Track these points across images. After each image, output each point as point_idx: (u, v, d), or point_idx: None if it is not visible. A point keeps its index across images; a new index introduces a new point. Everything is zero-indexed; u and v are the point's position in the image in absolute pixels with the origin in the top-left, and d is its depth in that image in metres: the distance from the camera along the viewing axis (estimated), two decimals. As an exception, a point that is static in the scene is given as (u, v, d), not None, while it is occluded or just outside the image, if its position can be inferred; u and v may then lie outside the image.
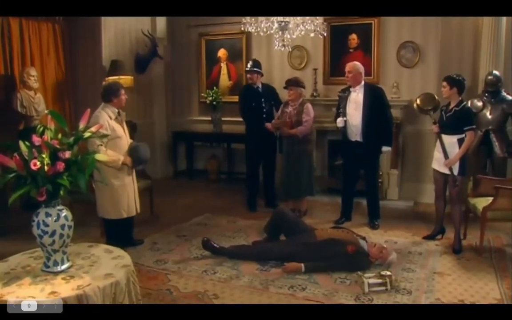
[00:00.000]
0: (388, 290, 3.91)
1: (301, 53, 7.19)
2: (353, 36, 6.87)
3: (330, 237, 4.48)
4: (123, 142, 4.71)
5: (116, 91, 4.65)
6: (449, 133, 4.76)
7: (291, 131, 5.76)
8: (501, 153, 5.86)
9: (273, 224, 4.86)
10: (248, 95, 6.28)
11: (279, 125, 5.89)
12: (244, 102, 6.36)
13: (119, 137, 4.66)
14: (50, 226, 2.60)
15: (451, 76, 4.83)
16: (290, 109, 5.85)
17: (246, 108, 6.30)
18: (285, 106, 5.97)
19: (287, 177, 5.89)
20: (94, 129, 2.84)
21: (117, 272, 2.70)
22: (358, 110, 5.40)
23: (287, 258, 4.38)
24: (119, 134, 4.66)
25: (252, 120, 6.26)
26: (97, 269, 2.73)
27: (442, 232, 5.16)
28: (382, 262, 4.41)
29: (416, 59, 6.61)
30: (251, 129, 6.32)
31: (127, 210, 4.78)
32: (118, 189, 4.68)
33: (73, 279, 2.58)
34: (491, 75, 5.93)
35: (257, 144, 6.24)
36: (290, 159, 5.85)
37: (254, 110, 6.19)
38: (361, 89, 5.43)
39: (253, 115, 6.22)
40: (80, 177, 2.60)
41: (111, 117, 4.60)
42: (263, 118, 6.16)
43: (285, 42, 4.78)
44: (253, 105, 6.18)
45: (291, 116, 5.80)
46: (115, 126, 4.61)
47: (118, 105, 4.67)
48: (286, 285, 4.05)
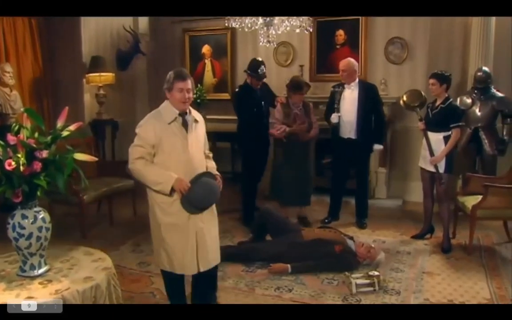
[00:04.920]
0: (376, 291, 3.95)
1: (287, 49, 7.19)
2: (340, 32, 6.89)
3: (317, 237, 4.51)
4: (185, 158, 3.21)
5: (168, 81, 3.26)
6: (435, 131, 4.82)
7: (310, 135, 5.51)
8: (491, 151, 5.91)
9: (259, 225, 4.87)
10: (249, 98, 5.62)
11: (297, 130, 5.44)
12: (244, 106, 5.67)
13: (173, 151, 3.20)
14: (26, 228, 2.58)
15: (439, 73, 4.87)
16: (297, 111, 5.50)
17: (246, 113, 5.66)
18: (285, 107, 5.53)
19: (291, 183, 5.49)
20: (73, 127, 2.80)
21: (98, 275, 2.70)
22: (353, 107, 5.42)
23: (274, 259, 4.39)
24: (174, 146, 3.20)
25: (254, 127, 5.63)
26: (76, 272, 2.72)
27: (431, 231, 5.21)
28: (370, 262, 4.44)
29: (404, 55, 6.64)
30: (251, 137, 5.65)
31: (182, 264, 3.28)
32: (169, 230, 3.26)
33: (50, 284, 2.56)
34: (480, 71, 5.98)
35: (257, 153, 5.74)
36: (293, 164, 5.49)
37: (256, 115, 5.64)
38: (356, 86, 5.46)
39: (254, 121, 5.63)
40: (59, 177, 2.59)
41: (167, 120, 3.22)
42: (264, 124, 5.77)
43: (270, 38, 4.78)
44: (255, 111, 5.61)
45: (301, 118, 5.50)
46: (168, 134, 3.20)
47: (176, 105, 3.25)
48: (272, 287, 4.07)
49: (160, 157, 3.20)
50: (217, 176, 3.42)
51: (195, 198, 3.21)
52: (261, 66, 5.64)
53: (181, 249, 3.24)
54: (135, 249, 4.97)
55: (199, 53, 8.01)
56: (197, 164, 3.29)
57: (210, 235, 3.34)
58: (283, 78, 6.99)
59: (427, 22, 6.48)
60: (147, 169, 3.18)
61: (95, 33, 7.26)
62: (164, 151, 3.19)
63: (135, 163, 3.20)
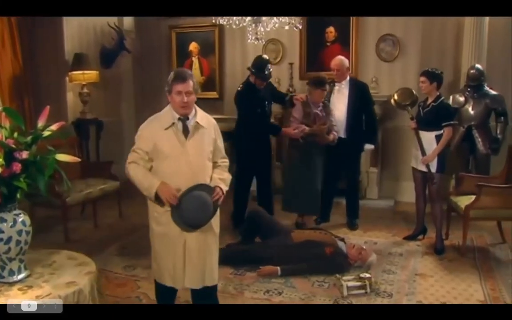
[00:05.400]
0: (368, 293, 3.95)
1: (276, 46, 7.17)
2: (330, 29, 6.89)
3: (307, 239, 4.51)
4: (182, 167, 2.99)
5: (168, 83, 3.03)
6: (427, 129, 4.83)
7: (330, 137, 5.31)
8: (484, 150, 5.95)
9: (248, 226, 4.86)
10: (253, 98, 5.38)
11: (317, 131, 5.24)
12: (246, 105, 5.42)
13: (168, 159, 3.01)
14: (5, 232, 2.52)
15: (429, 70, 4.89)
16: (317, 111, 5.31)
17: (248, 113, 5.41)
18: (305, 106, 5.31)
19: (307, 189, 5.31)
20: (54, 127, 2.76)
21: (81, 280, 2.65)
22: (343, 105, 5.43)
23: (263, 261, 4.38)
24: (169, 154, 3.00)
25: (255, 128, 5.44)
26: (58, 277, 2.67)
27: (423, 232, 5.23)
28: (362, 264, 4.44)
29: (396, 53, 6.66)
30: (251, 138, 5.44)
31: (173, 276, 3.11)
32: (160, 240, 3.14)
33: (31, 289, 2.52)
34: (473, 69, 6.02)
35: (254, 153, 5.50)
36: (310, 168, 5.32)
37: (258, 115, 5.41)
38: (347, 84, 5.48)
39: (256, 121, 5.42)
40: (40, 178, 2.54)
41: (164, 125, 3.03)
42: (267, 125, 5.61)
43: (258, 35, 4.78)
44: (259, 111, 5.38)
45: (321, 118, 5.29)
46: (163, 141, 3.01)
47: (175, 109, 3.03)
48: (261, 290, 4.06)
49: (156, 165, 3.04)
50: (217, 188, 3.07)
51: (184, 213, 2.98)
52: (267, 65, 5.37)
53: (170, 261, 3.09)
54: (120, 253, 4.93)
55: (186, 51, 7.98)
56: (198, 175, 3.02)
57: (201, 252, 3.10)
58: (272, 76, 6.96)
59: (419, 19, 6.49)
60: (135, 172, 3.04)
61: (78, 29, 7.18)
62: (159, 159, 3.02)
63: (127, 167, 3.08)
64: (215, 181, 3.10)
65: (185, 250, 3.05)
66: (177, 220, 3.00)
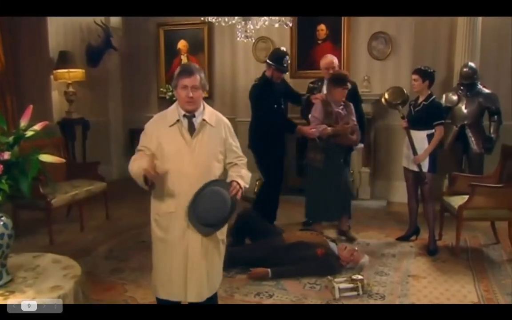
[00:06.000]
0: (360, 295, 3.96)
1: (266, 44, 7.17)
2: (321, 27, 6.91)
3: (299, 240, 4.52)
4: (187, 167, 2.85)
5: (175, 77, 2.94)
6: (418, 128, 4.86)
7: (354, 137, 5.16)
8: (478, 149, 6.01)
9: (238, 228, 4.85)
10: (270, 94, 5.26)
11: (341, 131, 5.05)
12: (263, 101, 5.29)
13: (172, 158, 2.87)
14: (-15, 236, 2.52)
15: (422, 68, 4.92)
16: (338, 110, 5.10)
17: (265, 109, 5.27)
18: (326, 105, 5.11)
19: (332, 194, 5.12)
20: (38, 127, 2.75)
21: (66, 284, 2.64)
22: None
23: (253, 263, 4.38)
24: (174, 153, 2.87)
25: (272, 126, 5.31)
26: (42, 282, 2.65)
27: (416, 233, 5.26)
28: (354, 265, 4.45)
29: (388, 51, 6.69)
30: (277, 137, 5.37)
31: (167, 288, 2.96)
32: (159, 245, 2.97)
33: (13, 295, 2.49)
34: (466, 67, 6.07)
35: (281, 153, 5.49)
36: (334, 171, 5.14)
37: (274, 113, 5.30)
38: None
39: (274, 119, 5.32)
40: (22, 180, 2.53)
41: (168, 123, 2.92)
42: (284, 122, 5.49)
43: (248, 33, 4.78)
44: (275, 107, 5.28)
45: (344, 118, 5.11)
46: (168, 139, 2.89)
47: (181, 104, 2.92)
48: (252, 292, 4.06)
49: (161, 164, 2.87)
50: (233, 182, 2.91)
51: (201, 213, 2.82)
52: (286, 56, 5.32)
53: (166, 270, 2.93)
54: (107, 256, 4.91)
55: (174, 49, 8.00)
56: (204, 176, 2.86)
57: (205, 261, 2.94)
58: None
59: (412, 17, 6.53)
60: (132, 166, 2.88)
61: (63, 26, 7.15)
62: (164, 158, 2.87)
63: (130, 165, 2.93)
64: (231, 177, 2.96)
65: (188, 259, 2.89)
66: (194, 222, 2.85)
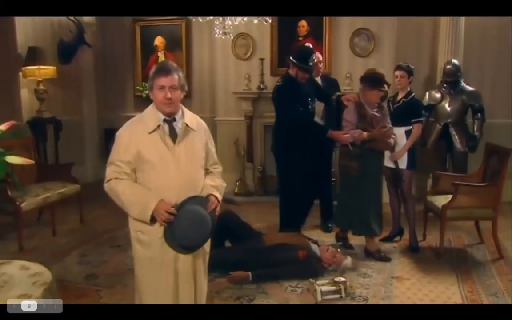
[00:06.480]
0: (343, 298, 3.95)
1: (246, 41, 7.12)
2: (302, 23, 6.89)
3: (280, 242, 4.49)
4: (170, 178, 2.68)
5: (150, 77, 2.75)
6: (396, 125, 4.85)
7: (391, 142, 4.76)
8: (462, 148, 6.05)
9: (218, 230, 4.78)
10: (295, 94, 4.92)
11: (378, 136, 4.66)
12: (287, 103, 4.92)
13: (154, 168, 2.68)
14: (-51, 241, 2.44)
15: (406, 65, 4.96)
16: (374, 113, 4.70)
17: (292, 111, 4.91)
18: (359, 108, 4.69)
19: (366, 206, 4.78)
20: (3, 127, 2.66)
21: (35, 292, 2.57)
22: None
23: (233, 266, 4.34)
24: (156, 162, 2.68)
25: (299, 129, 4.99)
26: (9, 290, 2.58)
27: (400, 234, 5.27)
28: (336, 267, 4.46)
29: (370, 48, 6.71)
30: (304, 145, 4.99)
31: None
32: (146, 265, 2.78)
33: (-25, 304, 2.43)
34: (450, 64, 6.12)
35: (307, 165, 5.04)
36: (370, 179, 4.74)
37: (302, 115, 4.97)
38: (319, 80, 5.50)
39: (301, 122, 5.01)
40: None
41: (148, 129, 2.71)
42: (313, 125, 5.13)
43: (226, 29, 4.73)
44: (301, 109, 4.92)
45: (379, 121, 4.71)
46: (148, 147, 2.68)
47: (159, 107, 2.74)
48: (232, 297, 4.03)
49: (141, 176, 2.70)
50: (211, 197, 2.80)
51: (178, 233, 2.66)
52: (312, 55, 4.97)
53: (152, 289, 2.78)
54: (81, 261, 4.82)
55: (151, 45, 7.91)
56: (190, 186, 2.73)
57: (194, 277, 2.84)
58: (242, 73, 6.97)
59: (394, 12, 6.57)
60: (122, 189, 2.69)
61: (31, 20, 7.03)
62: (144, 169, 2.68)
63: (107, 186, 2.75)
64: (207, 189, 2.81)
65: (178, 276, 2.77)
66: (170, 242, 2.69)
